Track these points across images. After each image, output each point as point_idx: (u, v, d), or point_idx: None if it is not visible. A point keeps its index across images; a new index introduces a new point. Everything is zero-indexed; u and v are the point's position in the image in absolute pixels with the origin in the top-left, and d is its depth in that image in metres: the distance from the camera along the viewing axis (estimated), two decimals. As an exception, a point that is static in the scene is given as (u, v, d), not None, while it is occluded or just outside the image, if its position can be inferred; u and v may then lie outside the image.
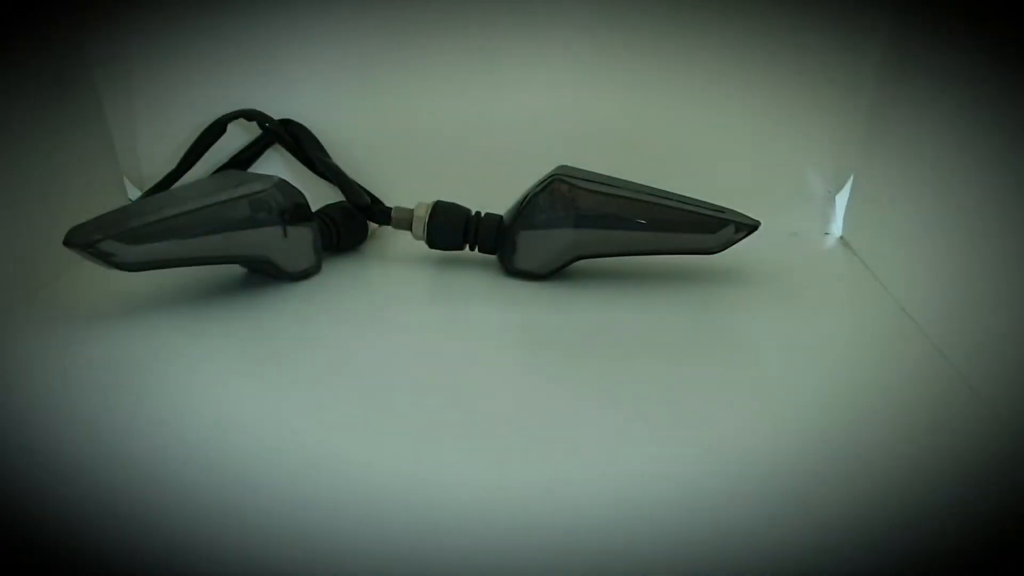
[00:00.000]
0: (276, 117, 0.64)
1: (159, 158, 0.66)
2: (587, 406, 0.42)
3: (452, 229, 0.56)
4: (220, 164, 0.66)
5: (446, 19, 0.63)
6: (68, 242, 0.45)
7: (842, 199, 0.66)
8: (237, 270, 0.56)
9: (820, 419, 0.41)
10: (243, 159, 0.66)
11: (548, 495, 0.34)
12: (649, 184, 0.55)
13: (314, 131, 0.65)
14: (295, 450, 0.38)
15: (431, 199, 0.57)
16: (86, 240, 0.45)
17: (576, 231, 0.54)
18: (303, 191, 0.55)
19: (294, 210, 0.53)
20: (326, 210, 0.59)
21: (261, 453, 0.37)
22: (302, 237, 0.54)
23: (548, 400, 0.43)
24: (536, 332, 0.52)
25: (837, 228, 0.67)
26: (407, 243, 0.59)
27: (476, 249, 0.57)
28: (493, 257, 0.58)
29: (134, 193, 0.66)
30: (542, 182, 0.54)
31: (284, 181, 0.53)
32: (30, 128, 0.53)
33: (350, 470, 0.36)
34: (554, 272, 0.56)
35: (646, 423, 0.40)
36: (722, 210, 0.55)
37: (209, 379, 0.44)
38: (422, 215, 0.56)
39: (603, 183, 0.54)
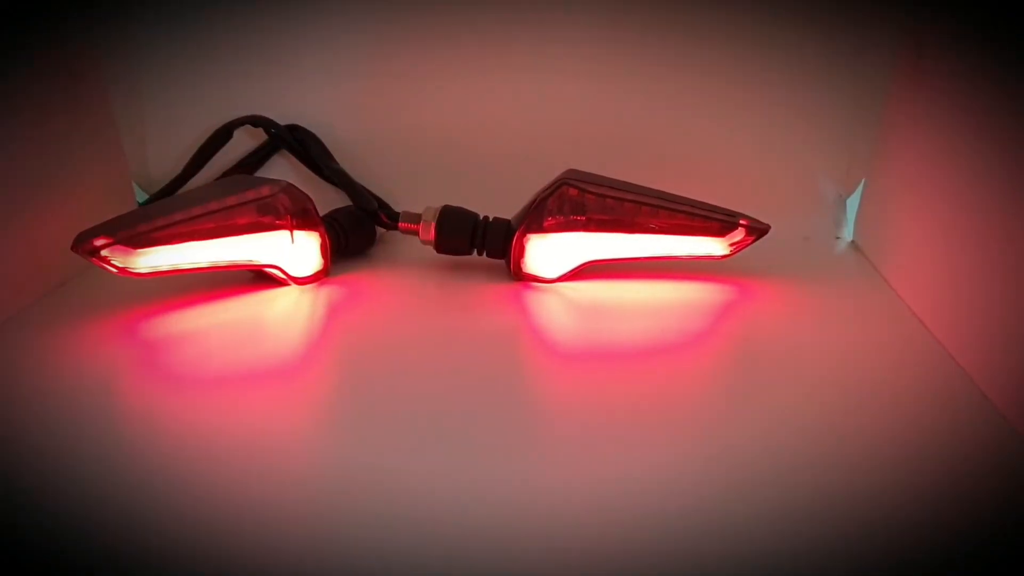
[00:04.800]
0: (283, 122, 0.64)
1: (168, 162, 0.66)
2: (595, 410, 0.42)
3: (460, 234, 0.56)
4: (226, 169, 0.66)
5: (453, 25, 0.63)
6: (76, 247, 0.45)
7: (853, 203, 0.66)
8: (244, 275, 0.55)
9: (829, 423, 0.40)
10: (249, 164, 0.66)
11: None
12: (659, 188, 0.55)
13: (321, 136, 0.65)
14: (301, 454, 0.38)
15: (439, 204, 0.57)
16: (93, 246, 0.45)
17: (585, 236, 0.54)
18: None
19: (302, 214, 0.53)
20: (334, 215, 0.59)
21: (267, 458, 0.37)
22: (310, 242, 0.54)
23: (559, 405, 0.43)
24: (545, 337, 0.51)
25: (848, 232, 0.66)
26: (415, 248, 0.58)
27: (484, 254, 0.57)
28: (501, 262, 0.57)
29: (143, 197, 0.66)
30: (551, 186, 0.54)
31: (292, 185, 0.53)
32: (40, 132, 0.53)
33: (355, 473, 0.36)
34: (563, 277, 0.56)
35: (654, 427, 0.40)
36: (732, 214, 0.55)
37: (215, 384, 0.44)
38: (430, 220, 0.56)
39: (612, 187, 0.54)
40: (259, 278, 0.55)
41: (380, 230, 0.62)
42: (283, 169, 0.67)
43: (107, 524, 0.32)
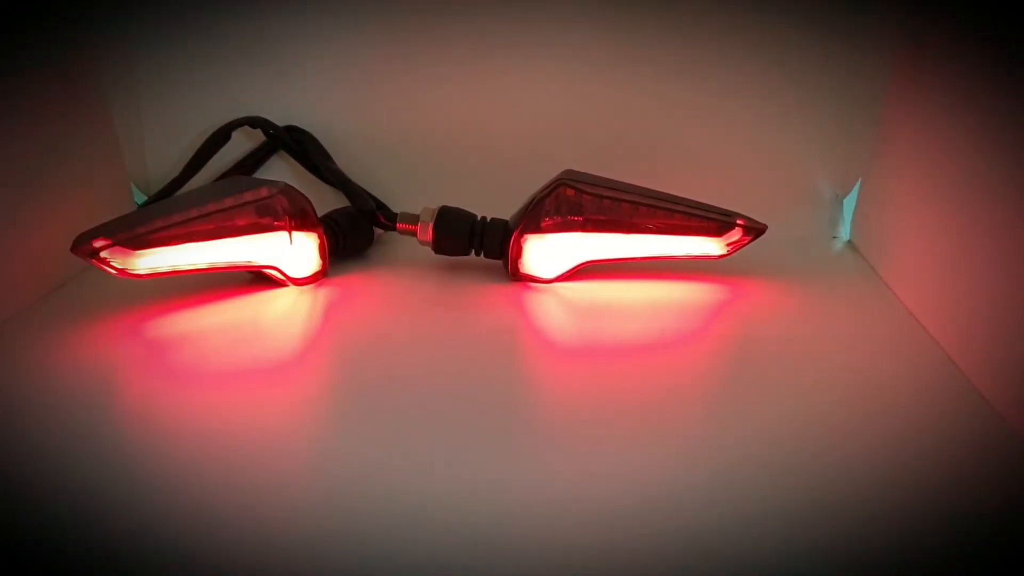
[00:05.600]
0: (281, 123, 0.65)
1: (166, 164, 0.66)
2: (593, 410, 0.42)
3: (458, 234, 0.56)
4: (225, 170, 0.66)
5: (451, 26, 0.63)
6: (75, 249, 0.45)
7: (850, 203, 0.66)
8: (242, 276, 0.55)
9: (826, 423, 0.40)
10: (247, 165, 0.66)
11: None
12: (656, 188, 0.55)
13: (319, 137, 0.65)
14: (299, 454, 0.38)
15: (437, 204, 0.57)
16: (92, 247, 0.45)
17: (582, 236, 0.54)
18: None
19: (300, 215, 0.53)
20: (332, 215, 0.59)
21: (266, 458, 0.37)
22: (308, 243, 0.54)
23: (557, 405, 0.43)
24: (543, 337, 0.51)
25: (845, 232, 0.66)
26: (413, 248, 0.58)
27: (482, 254, 0.57)
28: (498, 262, 0.57)
29: (141, 198, 0.66)
30: (548, 186, 0.54)
31: (290, 186, 0.53)
32: (38, 134, 0.53)
33: (354, 473, 0.36)
34: (561, 277, 0.56)
35: (651, 427, 0.40)
36: (729, 213, 0.55)
37: (214, 384, 0.44)
38: (427, 220, 0.56)
39: (609, 187, 0.54)
40: (258, 279, 0.55)
41: (378, 231, 0.62)
42: (281, 170, 0.67)
43: (106, 523, 0.32)
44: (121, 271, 0.47)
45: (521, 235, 0.55)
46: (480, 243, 0.57)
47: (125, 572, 0.30)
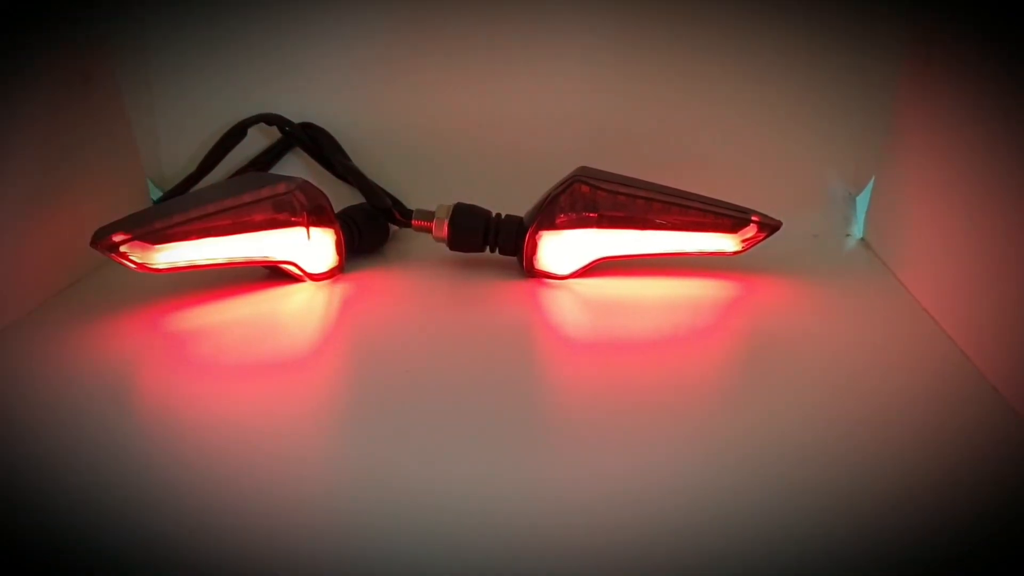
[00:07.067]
0: (296, 121, 0.65)
1: (181, 160, 0.67)
2: (608, 405, 0.42)
3: (472, 231, 0.57)
4: (240, 167, 0.66)
5: (466, 24, 0.64)
6: (95, 243, 0.46)
7: (863, 201, 0.66)
8: (259, 271, 0.56)
9: (840, 419, 0.40)
10: (263, 162, 0.67)
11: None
12: (670, 185, 0.55)
13: (335, 134, 0.65)
14: (317, 449, 0.38)
15: (451, 201, 0.57)
16: (112, 242, 0.46)
17: (597, 232, 0.54)
18: (323, 193, 0.55)
19: (317, 211, 0.54)
20: (348, 212, 0.59)
21: (284, 452, 0.37)
22: (325, 238, 0.55)
23: (572, 400, 0.43)
24: (558, 333, 0.52)
25: (858, 230, 0.66)
26: (427, 245, 0.59)
27: (496, 251, 0.57)
28: (513, 259, 0.58)
29: (156, 194, 0.67)
30: (563, 183, 0.54)
31: (307, 182, 0.54)
32: (56, 131, 0.53)
33: (370, 467, 0.36)
34: (575, 273, 0.56)
35: (666, 423, 0.40)
36: (743, 210, 0.55)
37: (232, 378, 0.44)
38: (442, 217, 0.56)
39: (624, 184, 0.54)
40: (274, 274, 0.56)
41: (393, 227, 0.62)
42: (297, 167, 0.67)
43: (125, 516, 0.33)
44: (140, 265, 0.47)
45: (536, 232, 0.55)
46: (495, 240, 0.57)
47: (141, 565, 0.30)
